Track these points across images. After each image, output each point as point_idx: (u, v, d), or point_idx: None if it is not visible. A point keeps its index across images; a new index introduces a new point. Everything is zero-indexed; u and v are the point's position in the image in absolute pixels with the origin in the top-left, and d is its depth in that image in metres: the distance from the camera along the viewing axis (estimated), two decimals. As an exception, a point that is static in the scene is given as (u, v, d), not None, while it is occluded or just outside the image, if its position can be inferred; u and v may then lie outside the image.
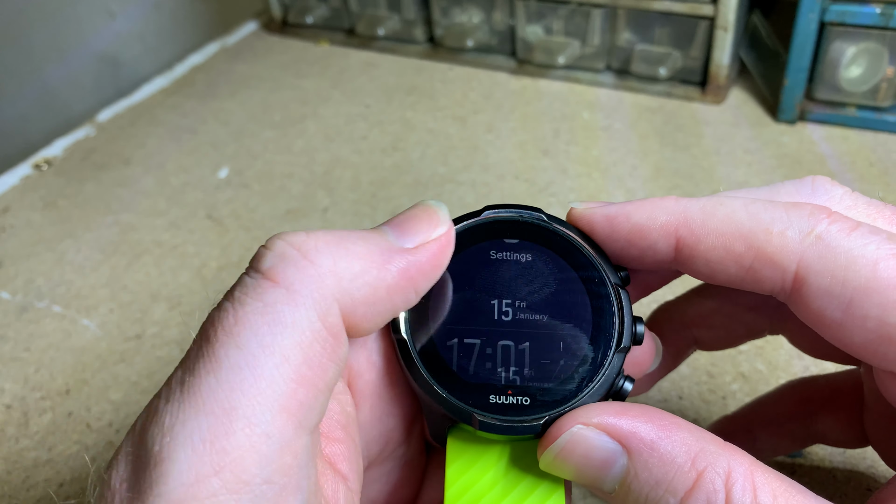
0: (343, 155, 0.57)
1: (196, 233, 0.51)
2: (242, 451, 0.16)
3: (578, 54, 0.62)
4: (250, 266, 0.19)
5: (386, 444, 0.23)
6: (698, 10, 0.55)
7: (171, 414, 0.17)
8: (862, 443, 0.28)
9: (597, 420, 0.19)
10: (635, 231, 0.21)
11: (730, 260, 0.20)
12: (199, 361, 0.17)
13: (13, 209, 0.55)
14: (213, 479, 0.16)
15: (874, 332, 0.19)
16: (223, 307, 0.18)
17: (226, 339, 0.17)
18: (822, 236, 0.20)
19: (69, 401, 0.40)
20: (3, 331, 0.44)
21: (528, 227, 0.23)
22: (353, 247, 0.19)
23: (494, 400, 0.20)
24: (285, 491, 0.17)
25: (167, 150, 0.60)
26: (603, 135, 0.56)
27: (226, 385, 0.16)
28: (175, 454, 0.16)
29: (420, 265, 0.20)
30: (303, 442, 0.17)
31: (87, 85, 0.76)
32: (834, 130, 0.53)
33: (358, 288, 0.18)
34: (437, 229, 0.20)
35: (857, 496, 0.30)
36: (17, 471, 0.36)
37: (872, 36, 0.49)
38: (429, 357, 0.21)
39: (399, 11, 0.69)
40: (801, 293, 0.20)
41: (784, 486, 0.17)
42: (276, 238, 0.19)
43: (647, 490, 0.18)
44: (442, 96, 0.63)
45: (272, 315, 0.17)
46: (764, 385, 0.35)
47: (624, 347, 0.21)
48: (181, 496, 0.16)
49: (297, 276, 0.18)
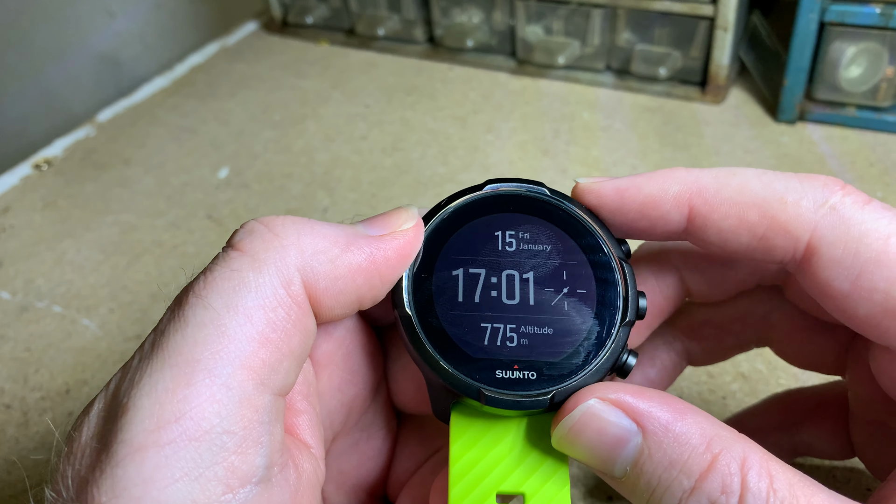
0: (343, 155, 0.57)
1: (196, 233, 0.51)
2: (202, 401, 0.17)
3: (578, 54, 0.62)
4: (225, 244, 0.20)
5: (349, 414, 0.24)
6: (698, 10, 0.55)
7: (140, 369, 0.17)
8: (848, 454, 0.28)
9: (613, 396, 0.19)
10: (647, 202, 0.21)
11: (743, 229, 0.20)
12: (169, 323, 0.18)
13: (13, 209, 0.55)
14: (174, 425, 0.16)
15: (880, 306, 0.19)
16: (196, 277, 0.19)
17: (195, 301, 0.18)
18: (837, 207, 0.20)
19: (69, 401, 0.40)
20: (3, 331, 0.44)
21: (531, 201, 0.22)
22: (321, 228, 0.20)
23: (501, 375, 0.20)
24: (245, 443, 0.17)
25: (167, 150, 0.60)
26: (603, 135, 0.56)
27: (191, 340, 0.17)
28: (139, 402, 0.17)
29: (385, 252, 0.20)
30: (264, 400, 0.18)
31: (87, 85, 0.76)
32: (834, 130, 0.53)
33: (320, 263, 0.19)
34: (405, 224, 0.21)
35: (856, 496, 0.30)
36: (17, 471, 0.36)
37: (872, 36, 0.49)
38: (434, 333, 0.21)
39: (399, 11, 0.69)
40: (812, 263, 0.20)
41: (799, 478, 0.17)
42: (250, 220, 0.20)
43: (660, 471, 0.18)
44: (442, 96, 0.63)
45: (237, 279, 0.18)
46: (764, 385, 0.35)
47: (629, 321, 0.21)
48: (143, 442, 0.16)
49: (261, 246, 0.19)
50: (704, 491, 0.17)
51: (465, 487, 0.20)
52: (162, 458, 0.16)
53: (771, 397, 0.30)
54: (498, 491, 0.20)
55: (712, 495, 0.17)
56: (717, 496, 0.17)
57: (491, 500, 0.20)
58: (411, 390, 0.25)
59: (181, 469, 0.16)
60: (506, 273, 0.21)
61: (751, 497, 0.17)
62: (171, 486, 0.16)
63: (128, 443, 0.16)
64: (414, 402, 0.25)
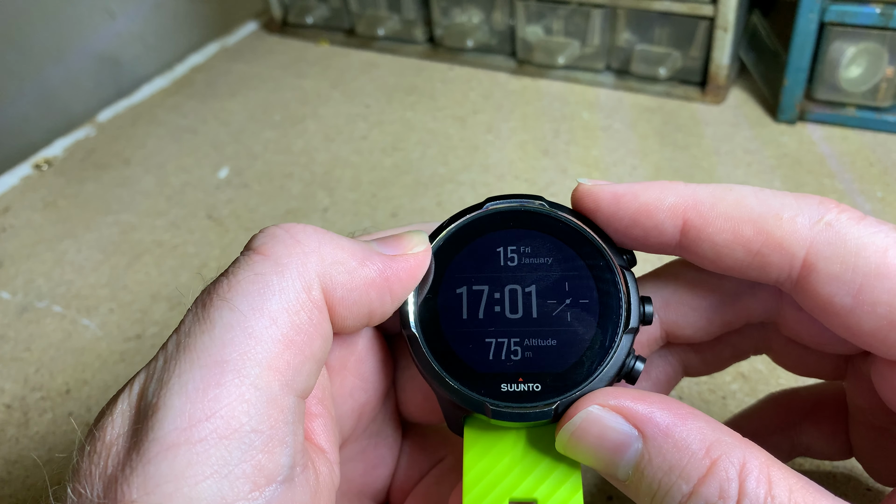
0: (343, 155, 0.57)
1: (196, 233, 0.51)
2: (232, 400, 0.17)
3: (578, 54, 0.62)
4: (245, 247, 0.20)
5: (359, 420, 0.24)
6: (698, 10, 0.55)
7: (168, 370, 0.18)
8: (846, 454, 0.28)
9: (613, 402, 0.19)
10: (642, 210, 0.21)
11: (737, 244, 0.21)
12: (194, 324, 0.18)
13: (13, 209, 0.55)
14: (205, 423, 0.17)
15: (885, 318, 0.19)
16: (218, 279, 0.19)
17: (220, 304, 0.18)
18: (832, 223, 0.20)
19: (69, 401, 0.40)
20: (3, 331, 0.44)
21: (531, 215, 0.23)
22: (339, 240, 0.21)
23: (506, 388, 0.20)
24: (272, 442, 0.17)
25: (167, 150, 0.60)
26: (603, 135, 0.56)
27: (219, 342, 0.18)
28: (170, 401, 0.17)
29: (396, 271, 0.21)
30: (289, 401, 0.18)
31: (87, 85, 0.75)
32: (834, 130, 0.53)
33: (339, 272, 0.20)
34: (415, 248, 0.22)
35: (856, 496, 0.30)
36: (17, 471, 0.36)
37: (872, 36, 0.49)
38: (439, 350, 0.21)
39: (399, 11, 0.69)
40: (810, 280, 0.20)
41: (801, 484, 0.17)
42: (273, 226, 0.21)
43: (660, 476, 0.18)
44: (442, 96, 0.63)
45: (262, 283, 0.19)
46: (763, 385, 0.35)
47: (632, 328, 0.21)
48: (175, 439, 0.16)
49: (284, 251, 0.19)
50: (702, 496, 0.17)
51: (478, 495, 0.20)
52: (193, 456, 0.16)
53: (768, 397, 0.30)
54: (511, 498, 0.20)
55: (710, 500, 0.17)
56: (714, 501, 0.17)
57: None
58: (419, 400, 0.25)
59: (211, 466, 0.16)
60: (508, 288, 0.22)
61: (748, 502, 0.17)
62: (202, 482, 0.16)
63: (160, 440, 0.16)
64: (421, 412, 0.25)
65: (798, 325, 0.23)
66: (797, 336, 0.24)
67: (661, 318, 0.24)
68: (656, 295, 0.24)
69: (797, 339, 0.24)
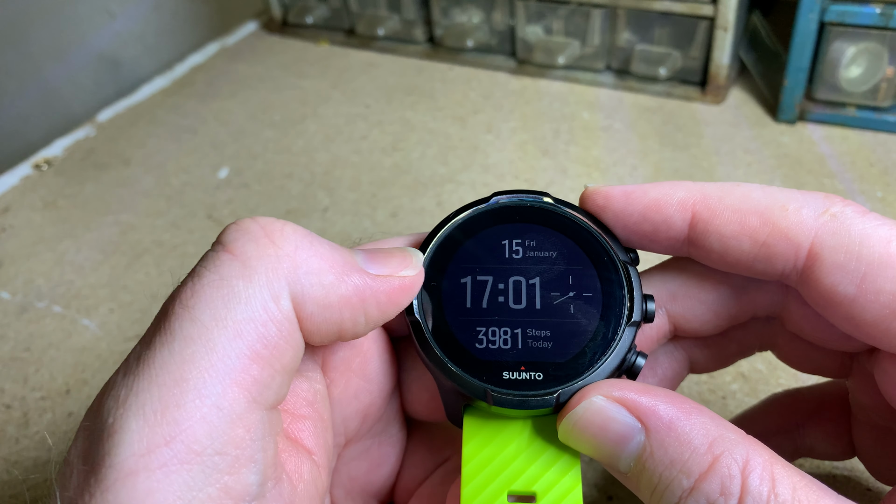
0: (343, 155, 0.57)
1: (196, 233, 0.51)
2: (193, 422, 0.16)
3: (578, 54, 0.62)
4: (216, 240, 0.19)
5: (363, 420, 0.24)
6: (698, 10, 0.55)
7: (126, 386, 0.17)
8: (849, 455, 0.28)
9: (618, 393, 0.19)
10: (652, 205, 0.22)
11: (744, 235, 0.21)
12: (155, 335, 0.17)
13: (13, 209, 0.55)
14: (165, 448, 0.16)
15: (888, 307, 0.19)
16: (183, 282, 0.18)
17: (182, 313, 0.17)
18: (837, 215, 0.20)
19: (69, 401, 0.40)
20: (3, 331, 0.44)
21: (537, 210, 0.23)
22: (320, 247, 0.19)
23: (507, 376, 0.21)
24: (238, 462, 0.17)
25: (167, 150, 0.60)
26: (603, 135, 0.56)
27: (178, 357, 0.17)
28: (127, 424, 0.16)
29: (376, 292, 0.20)
30: (257, 417, 0.17)
31: (87, 85, 0.75)
32: (834, 130, 0.53)
33: (312, 284, 0.19)
34: (405, 270, 0.21)
35: (856, 496, 0.30)
36: (17, 471, 0.36)
37: (872, 36, 0.49)
38: (442, 337, 0.21)
39: (399, 11, 0.69)
40: (814, 269, 0.20)
41: (805, 482, 0.17)
42: (248, 218, 0.19)
43: (661, 469, 0.18)
44: (442, 96, 0.63)
45: (227, 288, 0.17)
46: (764, 385, 0.35)
47: (635, 322, 0.21)
48: (133, 466, 0.16)
49: (255, 252, 0.18)
50: (703, 492, 0.17)
51: (477, 487, 0.20)
52: (153, 483, 0.16)
53: (770, 398, 0.30)
54: (509, 490, 0.20)
55: (711, 496, 0.17)
56: (715, 497, 0.17)
57: (502, 499, 0.20)
58: (425, 398, 0.25)
59: (174, 493, 0.16)
60: (513, 279, 0.22)
61: (750, 500, 0.17)
62: None
63: (117, 467, 0.16)
64: (427, 410, 0.25)
65: (803, 321, 0.23)
66: (802, 332, 0.24)
67: (668, 310, 0.25)
68: (663, 287, 0.24)
69: (802, 335, 0.24)
